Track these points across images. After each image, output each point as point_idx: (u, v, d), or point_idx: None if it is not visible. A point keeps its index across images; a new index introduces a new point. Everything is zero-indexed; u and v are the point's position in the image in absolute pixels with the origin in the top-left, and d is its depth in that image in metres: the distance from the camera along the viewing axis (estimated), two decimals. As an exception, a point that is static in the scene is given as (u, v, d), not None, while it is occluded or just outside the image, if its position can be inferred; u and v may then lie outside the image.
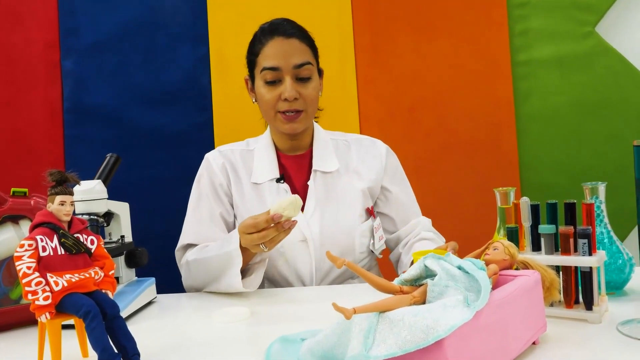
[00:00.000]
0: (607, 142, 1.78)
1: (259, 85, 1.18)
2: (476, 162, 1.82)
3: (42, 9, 1.80)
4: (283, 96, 1.14)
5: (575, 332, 0.72)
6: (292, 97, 1.14)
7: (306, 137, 1.25)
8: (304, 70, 1.15)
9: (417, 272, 0.63)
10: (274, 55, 1.15)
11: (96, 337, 0.62)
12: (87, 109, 1.79)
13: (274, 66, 1.14)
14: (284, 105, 1.15)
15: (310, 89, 1.17)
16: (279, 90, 1.15)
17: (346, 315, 0.53)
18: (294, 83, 1.15)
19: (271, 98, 1.16)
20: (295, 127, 1.17)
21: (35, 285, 0.63)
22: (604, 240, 0.87)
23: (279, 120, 1.17)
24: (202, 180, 1.24)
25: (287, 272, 1.18)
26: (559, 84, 1.81)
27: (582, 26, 1.79)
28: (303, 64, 1.15)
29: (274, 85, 1.16)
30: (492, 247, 0.69)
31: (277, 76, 1.15)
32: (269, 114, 1.19)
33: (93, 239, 0.70)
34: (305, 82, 1.17)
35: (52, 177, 0.67)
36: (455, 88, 1.84)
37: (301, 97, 1.16)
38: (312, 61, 1.18)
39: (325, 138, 1.27)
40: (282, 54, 1.14)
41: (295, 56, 1.15)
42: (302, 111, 1.17)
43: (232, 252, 1.03)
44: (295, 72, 1.15)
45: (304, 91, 1.16)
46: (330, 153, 1.25)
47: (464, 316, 0.53)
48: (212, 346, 0.76)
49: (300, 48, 1.16)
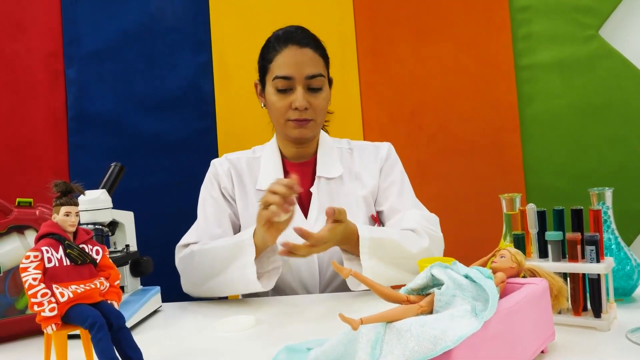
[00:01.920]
0: (611, 145, 1.78)
1: (269, 92, 1.18)
2: (479, 167, 1.82)
3: (45, 18, 1.81)
4: (294, 105, 1.15)
5: (584, 340, 0.71)
6: (303, 107, 1.14)
7: (312, 144, 1.25)
8: (316, 81, 1.16)
9: (424, 281, 0.62)
10: (287, 64, 1.15)
11: (102, 348, 0.62)
12: (91, 116, 1.80)
13: (287, 75, 1.14)
14: (294, 114, 1.16)
15: (321, 99, 1.18)
16: (290, 99, 1.15)
17: (353, 326, 0.52)
18: (305, 93, 1.15)
19: (282, 106, 1.16)
20: (304, 133, 1.18)
21: (41, 297, 0.62)
22: (611, 247, 0.87)
23: (289, 127, 1.18)
24: (207, 184, 1.25)
25: (291, 279, 1.17)
26: (562, 87, 1.80)
27: (585, 29, 1.79)
28: (315, 76, 1.15)
29: (285, 93, 1.16)
30: (499, 255, 0.69)
31: (289, 85, 1.15)
32: (279, 121, 1.19)
33: (98, 249, 0.70)
34: (316, 92, 1.17)
35: (57, 188, 0.67)
36: (457, 92, 1.84)
37: (311, 107, 1.16)
38: (324, 73, 1.18)
39: (330, 145, 1.27)
40: (295, 63, 1.14)
41: (308, 67, 1.15)
42: (312, 120, 1.17)
43: (245, 240, 1.02)
44: (307, 82, 1.15)
45: (315, 101, 1.16)
46: (335, 159, 1.24)
47: (472, 326, 0.52)
48: (217, 356, 0.76)
49: (314, 59, 1.16)
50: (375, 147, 1.30)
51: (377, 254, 1.05)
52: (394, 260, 1.07)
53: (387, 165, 1.26)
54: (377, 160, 1.26)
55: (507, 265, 0.67)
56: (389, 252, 1.07)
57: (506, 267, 0.67)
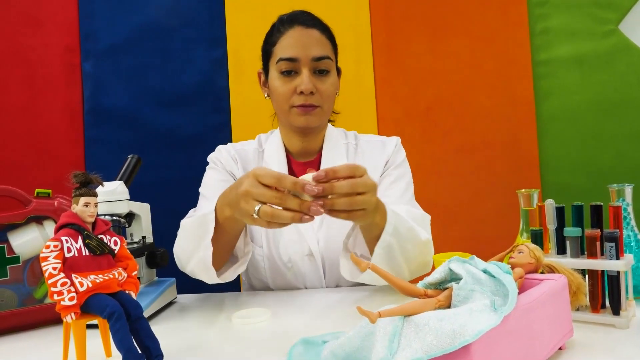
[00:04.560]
0: (629, 141, 1.75)
1: (273, 77, 1.10)
2: (495, 163, 1.80)
3: (62, 13, 1.83)
4: (299, 89, 1.06)
5: (603, 337, 0.70)
6: (309, 91, 1.05)
7: (318, 137, 1.17)
8: (323, 64, 1.08)
9: (442, 275, 0.62)
10: (292, 45, 1.06)
11: (120, 337, 0.63)
12: (107, 111, 1.82)
13: (292, 57, 1.06)
14: (299, 99, 1.07)
15: (328, 84, 1.09)
16: (295, 82, 1.07)
17: (371, 319, 0.52)
18: (311, 76, 1.07)
19: (286, 91, 1.08)
20: (310, 121, 1.09)
21: (60, 286, 0.63)
22: (630, 244, 0.85)
23: (294, 114, 1.09)
24: (212, 166, 1.18)
25: (296, 285, 1.14)
26: (580, 83, 1.78)
27: (604, 24, 1.76)
28: (322, 57, 1.07)
29: (289, 76, 1.07)
30: (517, 250, 0.68)
31: (293, 67, 1.07)
32: (283, 108, 1.10)
33: (116, 240, 0.71)
34: (323, 75, 1.09)
35: (77, 178, 0.68)
36: (473, 88, 1.82)
37: (318, 91, 1.07)
38: (331, 56, 1.10)
39: (336, 140, 1.19)
40: (301, 44, 1.06)
41: (314, 47, 1.07)
42: (318, 107, 1.09)
43: (206, 215, 0.90)
44: (314, 64, 1.07)
45: (321, 86, 1.08)
46: (341, 157, 1.17)
47: (492, 321, 0.52)
48: (233, 347, 0.76)
49: (321, 40, 1.09)
50: (382, 142, 1.21)
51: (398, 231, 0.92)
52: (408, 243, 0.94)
53: (392, 161, 1.18)
54: (384, 155, 1.18)
55: (525, 260, 0.66)
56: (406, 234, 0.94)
57: (524, 263, 0.66)
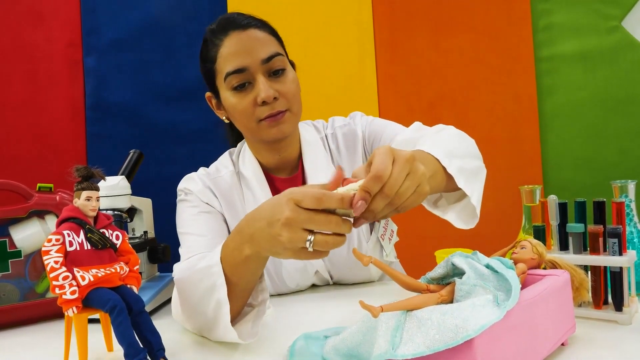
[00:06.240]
0: (632, 138, 1.75)
1: (226, 96, 0.96)
2: (498, 159, 1.80)
3: (64, 8, 1.83)
4: (259, 99, 0.91)
5: (605, 333, 0.70)
6: (271, 98, 0.91)
7: (294, 144, 1.04)
8: (275, 63, 0.93)
9: (444, 270, 0.62)
10: (234, 54, 0.92)
11: (122, 331, 0.63)
12: (109, 106, 1.82)
13: (239, 67, 0.91)
14: (263, 111, 0.93)
15: (289, 83, 0.95)
16: (253, 94, 0.92)
17: (373, 313, 0.52)
18: (267, 81, 0.92)
19: (246, 106, 0.93)
20: (283, 129, 0.95)
21: (62, 280, 0.63)
22: (633, 240, 0.85)
23: (264, 127, 0.94)
24: (183, 197, 1.03)
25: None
26: (583, 79, 1.77)
27: (608, 20, 1.75)
28: (272, 56, 0.93)
29: (244, 90, 0.93)
30: (519, 246, 0.68)
31: (245, 78, 0.92)
32: (249, 126, 0.96)
33: (118, 234, 0.71)
34: (280, 76, 0.94)
35: (79, 172, 0.68)
36: (476, 84, 1.82)
37: (281, 95, 0.93)
38: (280, 51, 0.96)
39: (314, 143, 1.07)
40: (243, 50, 0.92)
41: (260, 49, 0.92)
42: (287, 110, 0.95)
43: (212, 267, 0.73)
44: (266, 67, 0.93)
45: (282, 87, 0.94)
46: (323, 161, 1.05)
47: (494, 316, 0.52)
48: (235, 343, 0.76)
49: (263, 38, 0.94)
50: (351, 130, 1.08)
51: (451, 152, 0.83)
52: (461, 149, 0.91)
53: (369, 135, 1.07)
54: (359, 142, 1.07)
55: (528, 256, 0.66)
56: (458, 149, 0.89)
57: (527, 258, 0.66)
